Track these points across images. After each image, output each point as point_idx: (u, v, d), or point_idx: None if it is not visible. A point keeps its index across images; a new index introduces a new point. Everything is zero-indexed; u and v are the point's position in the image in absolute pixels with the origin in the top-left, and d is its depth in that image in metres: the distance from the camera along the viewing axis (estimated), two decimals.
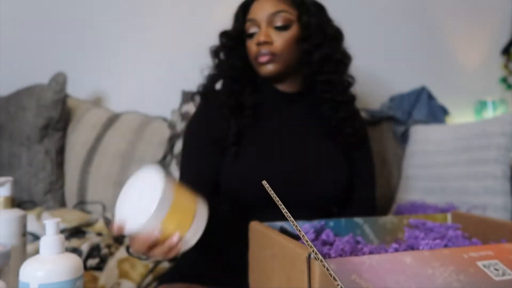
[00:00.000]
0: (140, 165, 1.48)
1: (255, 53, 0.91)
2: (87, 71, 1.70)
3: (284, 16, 0.90)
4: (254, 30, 0.92)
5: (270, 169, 0.90)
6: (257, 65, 0.93)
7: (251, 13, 0.93)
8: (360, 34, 1.87)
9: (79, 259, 0.56)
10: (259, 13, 0.91)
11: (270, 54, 0.89)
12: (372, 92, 1.85)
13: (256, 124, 0.93)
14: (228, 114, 0.92)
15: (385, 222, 0.78)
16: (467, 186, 1.26)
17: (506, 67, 2.00)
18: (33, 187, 1.42)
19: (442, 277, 0.47)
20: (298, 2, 0.92)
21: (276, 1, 0.91)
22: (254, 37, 0.92)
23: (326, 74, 0.92)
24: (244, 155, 0.90)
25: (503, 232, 0.68)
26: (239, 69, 0.95)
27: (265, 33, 0.89)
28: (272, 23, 0.90)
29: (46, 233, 0.55)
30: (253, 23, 0.92)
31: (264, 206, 0.89)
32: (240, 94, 0.94)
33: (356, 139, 0.97)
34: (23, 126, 1.43)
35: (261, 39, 0.89)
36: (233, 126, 0.91)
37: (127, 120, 1.56)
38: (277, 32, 0.90)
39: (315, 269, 0.46)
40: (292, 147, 0.93)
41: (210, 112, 0.95)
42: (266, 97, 0.97)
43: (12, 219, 0.67)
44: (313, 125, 0.96)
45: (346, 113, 0.94)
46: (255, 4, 0.93)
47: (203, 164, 0.93)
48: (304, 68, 0.94)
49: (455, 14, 1.96)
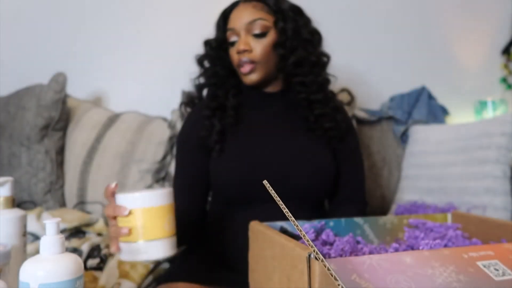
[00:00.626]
0: (140, 165, 1.49)
1: (237, 62, 0.95)
2: (87, 71, 1.70)
3: (261, 24, 0.93)
4: (235, 38, 0.95)
5: (254, 163, 0.93)
6: (240, 74, 0.97)
7: (230, 22, 0.96)
8: (360, 34, 1.88)
9: (79, 259, 0.56)
10: (238, 22, 0.94)
11: (250, 62, 0.93)
12: (372, 92, 1.85)
13: (238, 122, 0.97)
14: (212, 115, 0.96)
15: (385, 222, 0.78)
16: (467, 186, 1.26)
17: (506, 67, 2.00)
18: (33, 187, 1.42)
19: (442, 277, 0.47)
20: (275, 9, 0.94)
21: (253, 9, 0.94)
22: (235, 46, 0.95)
23: (301, 76, 0.96)
24: (227, 151, 0.94)
25: (503, 232, 0.68)
26: (223, 77, 0.99)
27: (244, 41, 0.93)
28: (251, 31, 0.93)
29: (46, 233, 0.55)
30: (233, 32, 0.95)
31: (252, 200, 0.90)
32: (223, 98, 0.98)
33: (338, 132, 0.99)
34: (23, 126, 1.43)
35: (241, 48, 0.93)
36: (216, 125, 0.95)
37: (127, 120, 1.56)
38: (255, 40, 0.93)
39: (315, 269, 0.46)
40: (275, 141, 0.96)
41: (196, 117, 1.00)
42: (248, 98, 1.01)
43: (12, 219, 0.67)
44: (294, 120, 1.00)
45: (323, 110, 0.97)
46: (234, 13, 0.96)
47: (194, 168, 0.97)
48: (279, 71, 0.97)
49: (455, 14, 1.96)
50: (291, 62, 0.94)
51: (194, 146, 0.98)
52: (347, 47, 1.84)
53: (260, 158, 0.94)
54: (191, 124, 1.01)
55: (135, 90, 1.73)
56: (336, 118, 1.00)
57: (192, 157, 0.98)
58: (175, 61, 1.69)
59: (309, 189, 0.94)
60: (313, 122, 0.98)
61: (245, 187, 0.91)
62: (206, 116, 0.97)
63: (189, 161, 0.98)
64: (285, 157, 0.94)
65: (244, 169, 0.92)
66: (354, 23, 1.87)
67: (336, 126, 0.99)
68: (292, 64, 0.94)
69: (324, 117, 0.98)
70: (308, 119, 0.98)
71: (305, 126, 0.99)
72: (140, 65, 1.73)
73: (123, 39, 1.72)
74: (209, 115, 0.96)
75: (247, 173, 0.91)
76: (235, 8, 0.97)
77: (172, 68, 1.71)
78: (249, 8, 0.94)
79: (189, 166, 0.98)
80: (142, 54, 1.73)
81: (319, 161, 0.96)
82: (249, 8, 0.94)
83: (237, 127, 0.97)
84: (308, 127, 0.99)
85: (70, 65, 1.62)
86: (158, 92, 1.72)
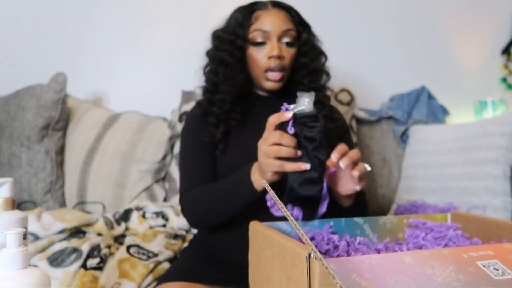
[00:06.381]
0: (140, 165, 1.49)
1: (267, 66, 0.95)
2: (87, 71, 1.70)
3: (292, 34, 0.96)
4: (262, 40, 0.95)
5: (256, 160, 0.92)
6: (264, 79, 0.97)
7: (261, 24, 0.95)
8: (360, 34, 1.88)
9: (46, 274, 0.50)
10: (272, 26, 0.95)
11: (281, 69, 0.95)
12: (372, 92, 1.85)
13: (242, 124, 0.98)
14: (217, 120, 0.97)
15: (385, 222, 0.78)
16: (467, 186, 1.26)
17: (506, 67, 2.01)
18: (33, 187, 1.42)
19: (442, 276, 0.47)
20: (299, 21, 0.99)
21: (286, 18, 0.97)
22: (263, 48, 0.95)
23: (316, 83, 1.01)
24: (231, 149, 0.96)
25: (503, 232, 0.68)
26: (242, 85, 0.98)
27: (279, 47, 0.95)
28: (282, 39, 0.96)
29: (7, 246, 0.48)
30: (263, 34, 0.95)
31: None
32: (231, 105, 0.97)
33: (336, 131, 1.03)
34: (23, 126, 1.43)
35: (276, 54, 0.94)
36: (221, 126, 0.96)
37: (127, 120, 1.56)
38: (286, 48, 0.96)
39: (315, 269, 0.46)
40: None
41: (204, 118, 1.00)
42: (254, 102, 1.02)
43: (13, 221, 0.65)
44: None
45: (327, 112, 1.02)
46: (265, 15, 0.96)
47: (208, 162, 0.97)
48: (299, 78, 1.01)
49: (455, 14, 1.97)
50: (311, 70, 1.00)
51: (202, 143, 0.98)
52: (347, 47, 1.84)
53: None
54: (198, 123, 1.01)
55: (135, 90, 1.73)
56: (334, 117, 1.03)
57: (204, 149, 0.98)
58: (175, 61, 1.70)
59: None
60: None
61: None
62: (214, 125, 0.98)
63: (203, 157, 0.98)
64: None
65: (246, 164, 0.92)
66: (354, 23, 1.87)
67: (335, 125, 1.02)
68: (312, 72, 1.00)
69: (327, 119, 1.00)
70: None
71: None
72: (140, 65, 1.73)
73: (123, 40, 1.72)
74: (215, 124, 0.98)
75: None
76: (265, 10, 0.97)
77: (172, 68, 1.72)
78: (282, 16, 0.96)
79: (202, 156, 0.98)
80: (142, 54, 1.73)
81: None
82: (282, 16, 0.96)
83: (241, 128, 0.98)
84: None
85: (70, 65, 1.62)
86: (158, 92, 1.72)
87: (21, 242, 0.48)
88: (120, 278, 1.00)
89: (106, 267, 1.04)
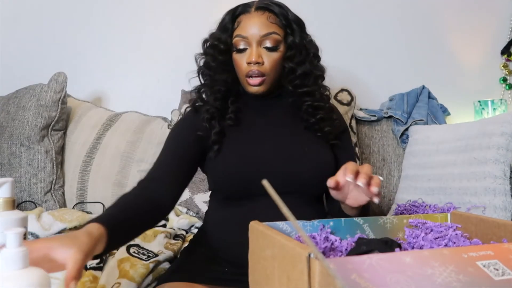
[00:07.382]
0: (140, 165, 1.49)
1: (246, 71, 0.94)
2: (87, 71, 1.70)
3: (274, 38, 0.93)
4: (244, 46, 0.94)
5: (253, 156, 0.93)
6: (247, 84, 0.96)
7: (242, 29, 0.94)
8: (360, 34, 1.88)
9: (46, 274, 0.50)
10: (251, 31, 0.93)
11: (260, 74, 0.94)
12: (372, 92, 1.85)
13: (237, 124, 0.98)
14: (211, 118, 0.96)
15: (385, 222, 0.78)
16: (467, 186, 1.26)
17: (506, 67, 2.01)
18: (33, 187, 1.42)
19: (442, 276, 0.47)
20: (285, 23, 0.95)
21: (267, 21, 0.93)
22: (244, 54, 0.94)
23: (306, 87, 0.97)
24: (226, 149, 0.94)
25: (503, 232, 0.68)
26: (228, 84, 0.98)
27: (257, 53, 0.93)
28: (262, 43, 0.93)
29: (7, 246, 0.48)
30: (244, 40, 0.94)
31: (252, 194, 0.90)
32: (223, 103, 0.97)
33: (334, 130, 1.02)
34: (23, 126, 1.43)
35: (253, 60, 0.92)
36: (216, 126, 0.95)
37: (127, 120, 1.56)
38: (267, 52, 0.94)
39: (315, 269, 0.46)
40: (274, 137, 0.97)
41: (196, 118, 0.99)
42: (247, 101, 1.01)
43: (13, 221, 0.65)
44: (293, 121, 1.01)
45: (324, 114, 0.99)
46: (246, 20, 0.95)
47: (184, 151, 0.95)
48: (286, 83, 0.98)
49: (455, 14, 1.97)
50: (299, 74, 0.96)
51: (190, 136, 0.96)
52: (347, 47, 1.84)
53: (259, 152, 0.94)
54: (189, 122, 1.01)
55: (135, 90, 1.73)
56: (332, 117, 1.02)
57: (187, 143, 0.96)
58: (175, 61, 1.70)
59: (310, 184, 0.95)
60: (313, 124, 0.99)
61: (245, 181, 0.91)
62: (206, 119, 0.96)
63: (181, 145, 0.96)
64: (285, 152, 0.95)
65: (243, 163, 0.92)
66: (354, 24, 1.87)
67: (333, 126, 1.01)
68: (299, 77, 0.96)
69: (325, 121, 0.99)
70: (308, 121, 0.99)
71: (304, 127, 1.00)
72: (140, 65, 1.73)
73: (123, 40, 1.72)
74: (208, 118, 0.96)
75: (246, 166, 0.92)
76: (247, 14, 0.95)
77: (172, 68, 1.72)
78: (263, 19, 0.93)
79: (180, 148, 0.95)
80: (142, 54, 1.73)
81: (320, 156, 0.97)
82: (263, 20, 0.93)
83: (236, 128, 0.97)
84: (306, 127, 1.00)
85: (70, 65, 1.62)
86: (158, 92, 1.72)
87: (21, 242, 0.48)
88: (120, 278, 1.00)
89: (106, 267, 1.04)
